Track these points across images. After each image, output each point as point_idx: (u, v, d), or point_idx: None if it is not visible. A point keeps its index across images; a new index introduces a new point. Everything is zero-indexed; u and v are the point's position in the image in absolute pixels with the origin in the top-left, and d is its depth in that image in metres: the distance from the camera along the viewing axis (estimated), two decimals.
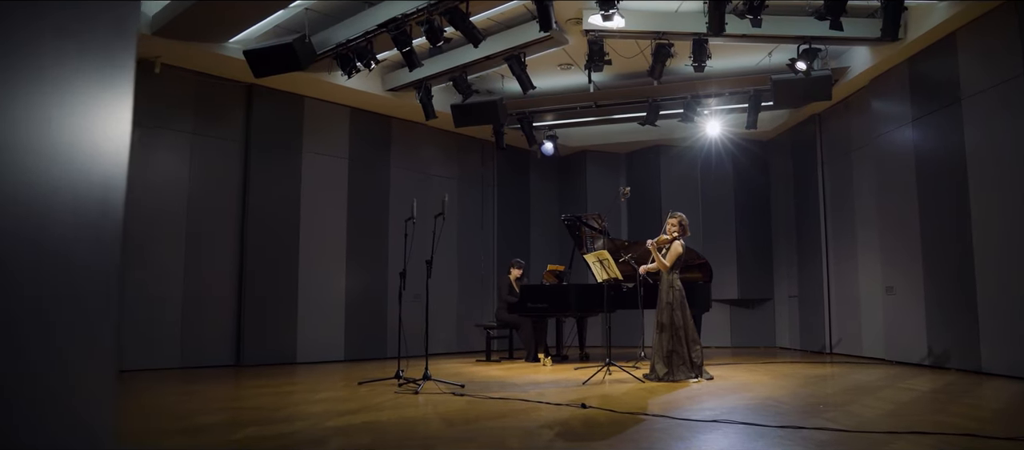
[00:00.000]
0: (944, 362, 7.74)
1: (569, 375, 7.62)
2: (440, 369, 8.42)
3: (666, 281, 7.02)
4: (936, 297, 7.93)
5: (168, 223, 8.62)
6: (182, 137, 8.85)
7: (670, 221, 7.13)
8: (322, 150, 10.11)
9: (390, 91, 10.05)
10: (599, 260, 7.26)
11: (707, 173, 12.38)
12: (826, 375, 7.42)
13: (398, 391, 6.19)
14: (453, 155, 12.02)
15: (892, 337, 8.75)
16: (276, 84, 9.46)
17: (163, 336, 8.43)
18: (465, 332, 11.54)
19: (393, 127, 11.00)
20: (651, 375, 6.95)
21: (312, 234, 9.84)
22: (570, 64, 9.86)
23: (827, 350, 10.39)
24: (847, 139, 10.08)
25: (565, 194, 13.50)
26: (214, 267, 8.98)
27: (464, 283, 11.90)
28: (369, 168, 10.63)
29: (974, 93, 7.36)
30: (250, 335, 9.09)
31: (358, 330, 10.13)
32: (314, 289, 9.77)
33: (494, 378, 7.43)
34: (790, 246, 11.63)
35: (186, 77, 8.87)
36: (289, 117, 9.81)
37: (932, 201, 8.01)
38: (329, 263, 10.01)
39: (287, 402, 5.61)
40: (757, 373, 7.65)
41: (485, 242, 12.36)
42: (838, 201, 10.32)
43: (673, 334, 6.89)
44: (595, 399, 5.53)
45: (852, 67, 9.15)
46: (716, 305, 10.66)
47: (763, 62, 9.66)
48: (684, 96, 10.13)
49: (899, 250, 8.60)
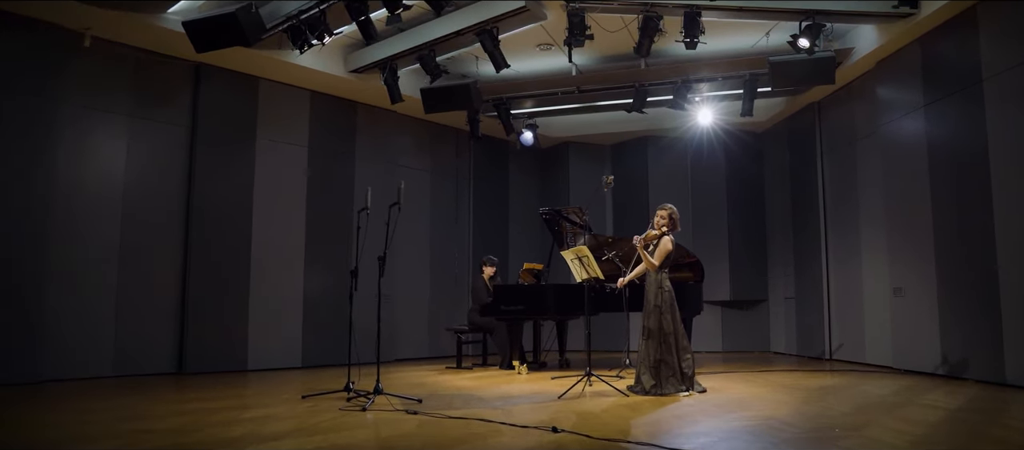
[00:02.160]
0: (961, 372, 6.97)
1: (545, 386, 6.80)
2: (401, 379, 7.58)
3: (654, 281, 6.20)
4: (951, 300, 7.16)
5: (100, 216, 7.73)
6: (118, 120, 7.95)
7: (659, 214, 6.32)
8: (279, 137, 9.23)
9: (353, 73, 9.19)
10: (578, 257, 6.43)
11: (698, 165, 11.59)
12: (831, 387, 6.64)
13: (344, 407, 5.35)
14: (425, 145, 11.16)
15: (900, 343, 7.98)
16: (227, 63, 8.59)
17: (93, 342, 7.54)
18: (437, 335, 10.69)
19: (359, 113, 10.13)
20: (636, 387, 6.14)
21: (267, 230, 8.96)
22: (550, 44, 9.06)
23: (826, 356, 9.62)
24: (850, 128, 9.31)
25: (546, 188, 12.67)
26: (154, 265, 8.09)
27: (437, 282, 11.06)
28: (331, 158, 9.75)
29: (997, 73, 6.59)
30: (194, 341, 8.21)
31: (318, 335, 9.26)
32: (268, 290, 8.89)
33: (460, 390, 6.59)
34: (786, 244, 10.84)
35: (122, 52, 7.97)
36: (242, 100, 8.93)
37: (947, 195, 7.25)
38: (286, 261, 9.13)
39: (207, 421, 4.75)
40: (754, 385, 6.85)
41: (460, 238, 11.52)
42: (839, 195, 9.54)
43: (661, 341, 6.08)
44: (570, 419, 4.72)
45: (857, 48, 8.38)
46: (707, 307, 9.87)
47: (760, 43, 8.88)
48: (674, 81, 9.33)
49: (909, 248, 7.83)
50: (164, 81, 8.34)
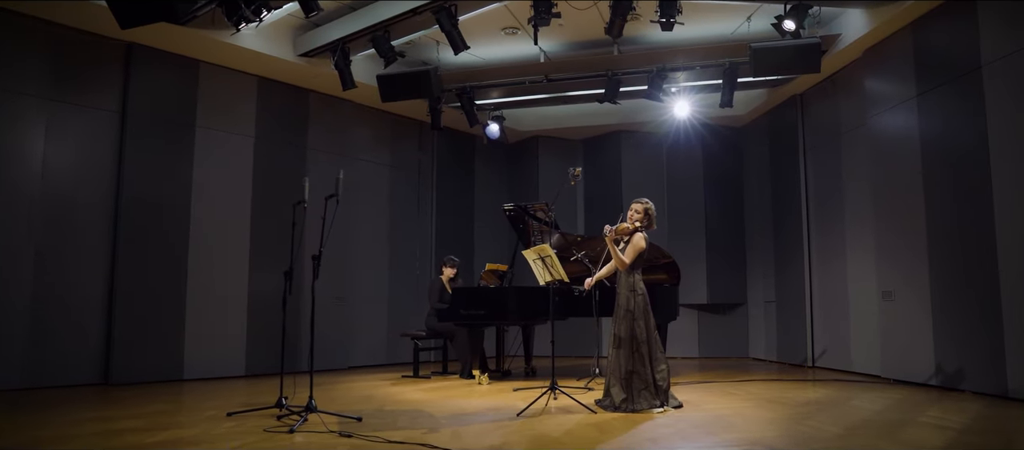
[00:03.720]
0: (957, 383, 6.42)
1: (506, 399, 6.14)
2: (347, 391, 6.87)
3: (626, 283, 5.56)
4: (946, 305, 6.61)
5: (14, 209, 6.94)
6: (36, 104, 7.15)
7: (634, 208, 5.68)
8: (222, 126, 8.48)
9: (303, 57, 8.46)
10: (540, 257, 5.77)
11: (674, 161, 11.01)
12: (819, 401, 6.04)
13: (271, 428, 4.65)
14: (386, 138, 10.45)
15: (890, 351, 7.43)
16: (162, 43, 7.83)
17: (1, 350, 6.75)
18: (397, 341, 9.98)
19: (311, 102, 9.40)
20: (605, 402, 5.50)
21: (207, 226, 8.20)
22: (516, 29, 8.42)
23: (809, 363, 9.06)
24: (834, 122, 8.76)
25: (515, 185, 12.00)
26: (78, 264, 7.30)
27: (397, 283, 10.35)
28: (281, 150, 9.01)
29: (998, 58, 6.04)
30: (122, 348, 7.43)
31: (263, 341, 8.49)
32: (208, 292, 8.13)
33: (409, 405, 5.91)
34: (767, 244, 10.27)
35: (39, 29, 7.17)
36: (180, 85, 8.16)
37: (942, 191, 6.70)
38: (228, 261, 8.38)
39: (98, 447, 4.03)
40: (735, 398, 6.24)
41: (422, 237, 10.81)
42: (823, 192, 8.99)
43: (634, 350, 5.44)
44: (525, 444, 4.07)
45: (844, 35, 7.83)
46: (682, 311, 9.28)
47: (741, 29, 8.32)
48: (649, 69, 8.71)
49: (899, 249, 7.28)
50: (91, 61, 7.55)
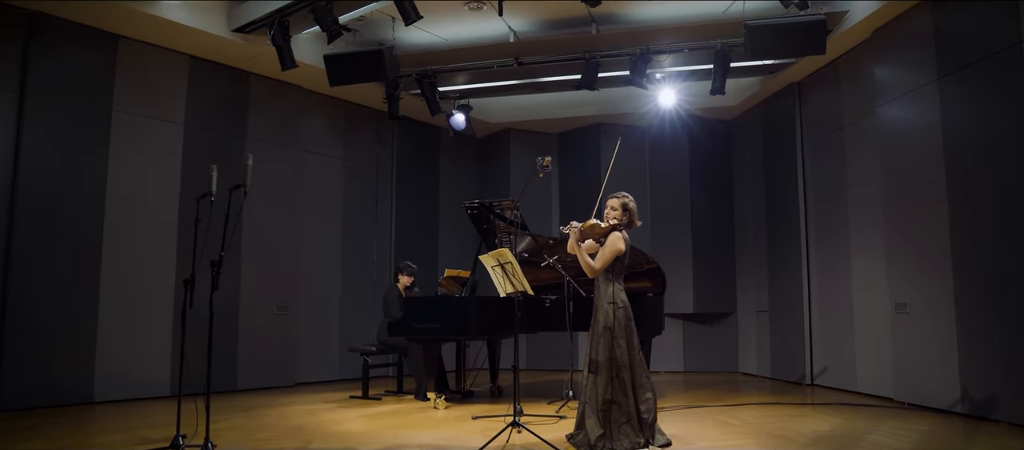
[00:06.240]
0: (989, 412, 5.50)
1: (461, 431, 5.15)
2: (277, 418, 5.83)
3: (605, 294, 4.57)
4: (974, 321, 5.70)
5: None
6: None
7: (610, 204, 4.69)
8: (145, 111, 7.40)
9: (238, 32, 7.42)
10: (499, 263, 4.77)
11: (658, 156, 10.06)
12: (834, 435, 5.09)
13: None
14: (339, 128, 9.41)
15: (904, 371, 6.52)
16: (71, 14, 6.77)
17: None
18: (348, 355, 8.92)
19: (252, 86, 8.34)
20: (577, 437, 4.52)
21: (125, 225, 7.12)
22: (481, 4, 7.44)
23: (807, 381, 8.14)
24: (837, 112, 7.86)
25: (485, 183, 11.00)
26: None
27: (350, 291, 9.30)
28: (216, 139, 7.93)
29: None
30: (15, 366, 6.32)
31: (193, 356, 7.39)
32: (126, 301, 7.05)
33: (340, 440, 4.88)
34: (760, 247, 9.34)
35: None
36: (93, 62, 7.08)
37: (969, 191, 5.79)
38: (150, 265, 7.29)
39: None
40: (731, 430, 5.28)
41: (380, 240, 9.77)
42: (824, 191, 8.08)
43: (613, 376, 4.46)
44: None
45: (852, 12, 6.93)
46: (666, 321, 8.31)
47: (733, 8, 7.39)
48: (631, 51, 7.75)
49: (916, 255, 6.37)
50: None
